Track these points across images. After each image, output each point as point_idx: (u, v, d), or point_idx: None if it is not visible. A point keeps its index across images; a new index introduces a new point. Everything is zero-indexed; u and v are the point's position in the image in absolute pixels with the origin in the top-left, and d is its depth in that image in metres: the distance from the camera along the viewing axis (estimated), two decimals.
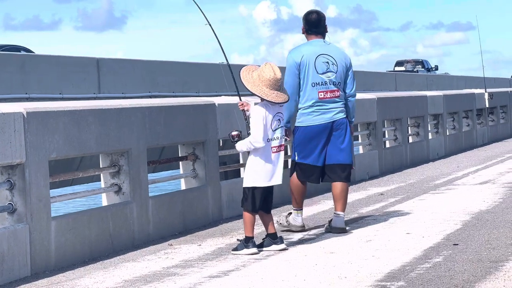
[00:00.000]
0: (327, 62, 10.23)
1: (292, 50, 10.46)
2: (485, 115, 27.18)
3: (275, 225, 9.68)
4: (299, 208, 10.49)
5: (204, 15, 10.03)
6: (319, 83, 10.18)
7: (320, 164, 10.24)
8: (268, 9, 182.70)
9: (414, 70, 71.66)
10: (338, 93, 10.28)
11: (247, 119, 9.27)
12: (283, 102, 9.18)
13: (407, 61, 75.12)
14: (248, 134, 9.18)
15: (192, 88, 30.32)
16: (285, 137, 9.54)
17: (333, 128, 10.21)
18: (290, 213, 10.56)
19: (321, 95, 10.18)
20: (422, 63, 74.51)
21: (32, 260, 8.41)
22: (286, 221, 10.54)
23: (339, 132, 10.25)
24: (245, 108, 9.31)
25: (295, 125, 10.35)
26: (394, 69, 73.19)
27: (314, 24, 10.42)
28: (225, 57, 10.18)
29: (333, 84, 10.23)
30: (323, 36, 10.46)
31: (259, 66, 9.26)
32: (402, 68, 72.48)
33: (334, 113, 10.23)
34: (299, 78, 10.19)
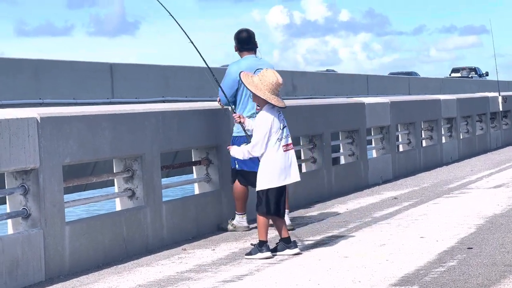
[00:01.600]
0: None
1: (232, 64, 11.09)
2: (499, 119, 27.13)
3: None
4: (243, 212, 11.06)
5: (186, 34, 10.71)
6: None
7: (257, 169, 10.31)
8: (280, 14, 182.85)
9: (469, 76, 75.83)
10: None
11: (245, 131, 9.52)
12: (283, 107, 9.24)
13: (463, 68, 79.57)
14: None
15: (206, 92, 30.33)
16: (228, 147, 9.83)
17: None
18: (233, 218, 11.09)
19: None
20: (475, 70, 78.85)
21: (47, 265, 8.42)
22: (232, 225, 11.11)
23: None
24: (241, 121, 9.58)
25: (234, 135, 10.92)
26: (450, 75, 77.77)
27: (246, 42, 11.11)
28: (207, 66, 10.97)
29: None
30: (255, 52, 11.09)
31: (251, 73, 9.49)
32: (458, 75, 76.88)
33: None
34: (236, 90, 10.84)
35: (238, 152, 9.37)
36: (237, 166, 10.79)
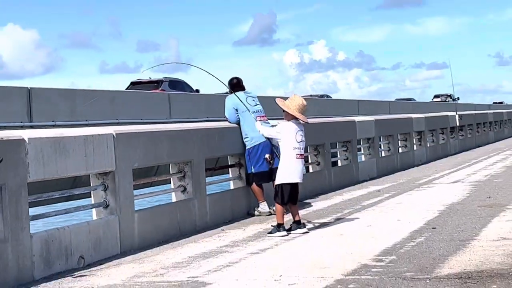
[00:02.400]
0: (254, 99, 11.32)
1: (227, 98, 11.37)
2: (456, 131, 27.01)
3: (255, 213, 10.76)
4: (264, 199, 11.09)
5: (221, 81, 10.94)
6: (255, 111, 11.09)
7: (268, 169, 10.92)
8: (294, 55, 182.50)
9: (446, 100, 76.06)
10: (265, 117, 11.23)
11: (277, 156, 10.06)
12: (306, 122, 9.28)
13: (442, 95, 79.93)
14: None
15: None
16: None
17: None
18: (258, 206, 11.10)
19: (258, 119, 11.00)
20: (450, 96, 78.69)
21: (121, 242, 8.46)
22: (258, 211, 11.08)
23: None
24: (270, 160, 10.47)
25: (247, 147, 11.06)
26: (433, 99, 78.77)
27: (237, 85, 11.41)
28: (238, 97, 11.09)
29: (261, 111, 11.20)
30: (243, 89, 11.41)
31: (287, 97, 9.46)
32: (439, 99, 77.51)
33: None
34: (237, 115, 11.16)
35: (265, 129, 10.04)
36: (253, 170, 10.98)
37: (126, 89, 33.18)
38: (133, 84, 34.28)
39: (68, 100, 23.12)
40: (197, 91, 36.10)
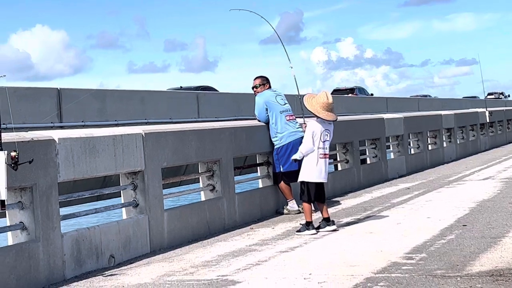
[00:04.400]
0: (282, 98, 11.27)
1: (257, 96, 11.25)
2: (486, 128, 26.79)
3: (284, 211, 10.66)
4: (292, 198, 11.02)
5: (289, 59, 11.19)
6: (284, 110, 11.09)
7: (297, 168, 10.36)
8: (321, 53, 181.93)
9: (499, 97, 79.33)
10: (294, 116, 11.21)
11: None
12: (332, 120, 9.16)
13: (495, 92, 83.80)
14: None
15: None
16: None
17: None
18: (287, 205, 11.06)
19: (287, 118, 11.06)
20: (502, 93, 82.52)
21: (151, 241, 8.50)
22: (287, 209, 11.05)
23: None
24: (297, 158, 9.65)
25: (276, 147, 11.00)
26: (486, 97, 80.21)
27: (267, 82, 11.34)
28: (297, 89, 11.12)
29: (289, 110, 11.20)
30: (270, 87, 11.36)
31: (316, 94, 9.30)
32: (493, 96, 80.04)
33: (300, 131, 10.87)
34: (267, 113, 11.08)
35: (296, 155, 9.33)
36: (282, 169, 10.92)
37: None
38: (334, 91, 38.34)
39: (98, 100, 23.28)
40: (372, 94, 39.63)
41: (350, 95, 48.52)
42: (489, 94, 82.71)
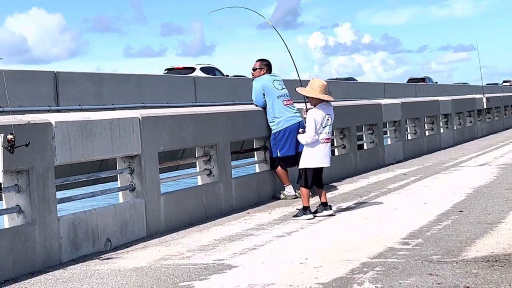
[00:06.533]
0: (280, 83, 11.25)
1: (255, 81, 11.24)
2: (483, 114, 26.79)
3: (281, 196, 10.67)
4: (289, 183, 11.02)
5: (285, 44, 10.95)
6: (281, 95, 11.07)
7: (295, 153, 10.73)
8: (318, 38, 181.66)
9: None
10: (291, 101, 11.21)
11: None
12: (333, 101, 9.20)
13: (510, 80, 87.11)
14: None
15: None
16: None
17: (299, 126, 10.74)
18: (283, 189, 11.05)
19: (284, 103, 11.05)
20: None
21: (147, 225, 8.50)
22: (283, 194, 11.05)
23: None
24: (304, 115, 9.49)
25: (273, 131, 10.99)
26: (502, 83, 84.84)
27: (268, 67, 11.28)
28: (298, 74, 10.87)
29: (287, 95, 11.16)
30: (270, 72, 11.31)
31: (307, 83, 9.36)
32: (508, 84, 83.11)
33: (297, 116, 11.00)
34: (264, 98, 11.05)
35: (303, 137, 9.27)
36: (279, 154, 10.92)
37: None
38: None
39: (95, 84, 23.21)
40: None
41: (421, 83, 55.02)
42: (504, 81, 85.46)
